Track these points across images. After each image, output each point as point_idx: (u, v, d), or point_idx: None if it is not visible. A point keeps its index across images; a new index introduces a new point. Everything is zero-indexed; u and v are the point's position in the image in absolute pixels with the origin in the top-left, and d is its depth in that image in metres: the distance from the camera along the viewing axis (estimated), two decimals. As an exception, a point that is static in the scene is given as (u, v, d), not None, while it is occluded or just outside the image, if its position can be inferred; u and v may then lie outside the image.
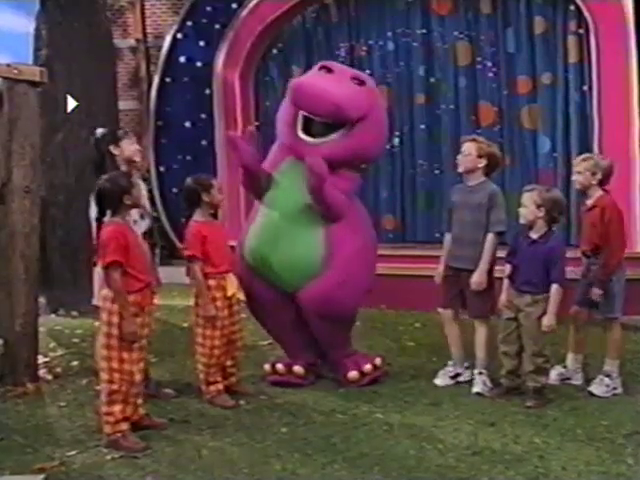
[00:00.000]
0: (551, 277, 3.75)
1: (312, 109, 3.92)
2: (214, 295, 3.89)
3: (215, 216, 4.06)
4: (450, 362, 4.26)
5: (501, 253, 4.10)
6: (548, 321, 3.75)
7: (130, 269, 3.37)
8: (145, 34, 9.67)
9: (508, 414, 3.72)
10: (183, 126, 8.10)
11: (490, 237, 3.99)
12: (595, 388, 3.95)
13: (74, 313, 6.34)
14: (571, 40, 6.57)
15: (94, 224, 3.56)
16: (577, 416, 3.66)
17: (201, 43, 7.99)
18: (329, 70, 4.13)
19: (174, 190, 8.17)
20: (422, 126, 7.28)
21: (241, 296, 4.13)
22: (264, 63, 7.89)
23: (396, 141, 7.43)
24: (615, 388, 3.96)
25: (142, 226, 3.97)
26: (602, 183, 4.00)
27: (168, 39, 8.16)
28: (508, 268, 3.96)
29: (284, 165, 4.11)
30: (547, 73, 6.72)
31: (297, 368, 4.21)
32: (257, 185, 4.10)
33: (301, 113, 4.01)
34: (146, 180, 4.65)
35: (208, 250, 3.89)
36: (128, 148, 4.01)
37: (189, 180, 3.97)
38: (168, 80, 8.16)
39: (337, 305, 4.02)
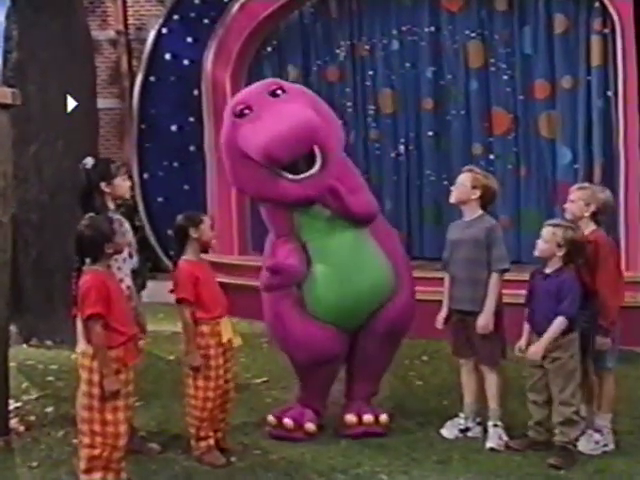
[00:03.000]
0: (558, 309, 3.73)
1: (296, 151, 3.72)
2: (207, 342, 3.81)
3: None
4: (461, 414, 4.20)
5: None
6: (534, 348, 3.72)
7: (112, 322, 3.31)
8: (127, 25, 9.60)
9: (525, 476, 3.64)
10: (169, 130, 8.06)
11: (494, 277, 3.97)
12: (582, 445, 3.87)
13: (48, 342, 6.27)
14: (595, 40, 6.51)
15: None
16: (602, 480, 3.60)
17: (189, 39, 7.95)
18: (245, 110, 3.86)
19: (159, 199, 8.16)
20: (430, 133, 7.27)
21: (237, 341, 4.04)
22: (257, 62, 7.86)
23: (401, 149, 7.41)
24: (606, 445, 3.89)
25: (130, 265, 3.96)
26: (596, 217, 3.93)
27: (152, 34, 8.12)
28: (526, 311, 3.92)
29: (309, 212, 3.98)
30: (568, 77, 6.68)
31: (309, 426, 4.13)
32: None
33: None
34: (129, 208, 4.57)
35: (201, 293, 3.81)
36: (121, 185, 3.98)
37: (179, 217, 3.93)
38: (152, 79, 8.12)
39: (410, 320, 4.20)
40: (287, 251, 3.96)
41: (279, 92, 3.90)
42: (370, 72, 7.42)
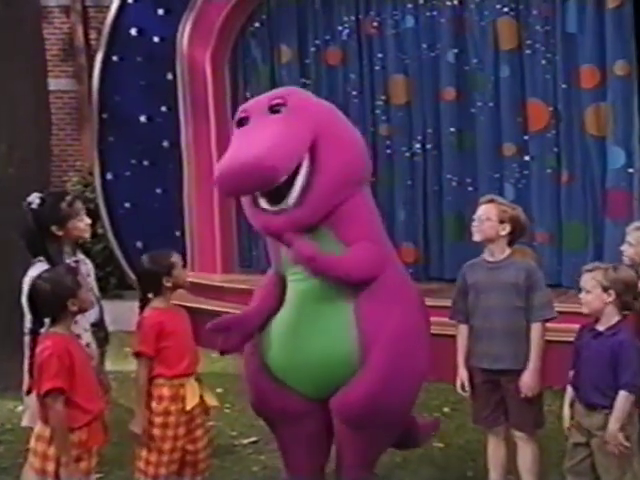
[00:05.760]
0: (619, 381, 3.61)
1: (247, 189, 3.85)
2: (167, 408, 3.86)
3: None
4: (482, 495, 4.14)
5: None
6: (611, 438, 3.57)
7: (75, 397, 3.29)
8: (83, -12, 9.50)
9: None
10: (137, 121, 8.08)
11: (537, 327, 3.95)
12: None
13: (-12, 392, 6.19)
14: (656, 17, 6.48)
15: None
16: None
17: (159, 11, 7.96)
18: (243, 121, 3.99)
19: (126, 205, 8.20)
20: (451, 129, 7.27)
21: (212, 401, 4.06)
22: (243, 40, 7.89)
23: (417, 147, 7.41)
24: None
25: (91, 316, 3.98)
26: None
27: (115, 3, 8.06)
28: (571, 373, 3.83)
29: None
30: (621, 61, 6.57)
31: None
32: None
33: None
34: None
35: (165, 346, 3.87)
36: (77, 227, 4.01)
37: (145, 259, 3.99)
38: (115, 59, 8.15)
39: (382, 411, 3.94)
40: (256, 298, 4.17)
41: (279, 108, 3.93)
42: (379, 54, 7.38)
